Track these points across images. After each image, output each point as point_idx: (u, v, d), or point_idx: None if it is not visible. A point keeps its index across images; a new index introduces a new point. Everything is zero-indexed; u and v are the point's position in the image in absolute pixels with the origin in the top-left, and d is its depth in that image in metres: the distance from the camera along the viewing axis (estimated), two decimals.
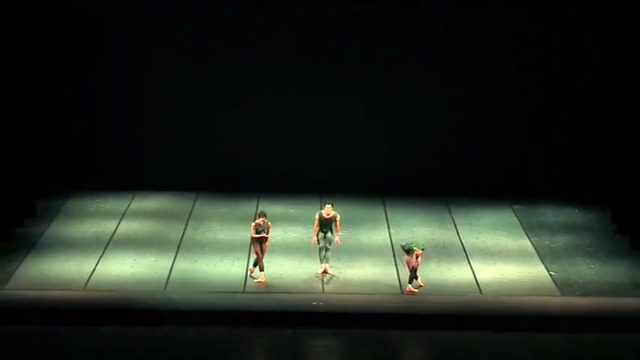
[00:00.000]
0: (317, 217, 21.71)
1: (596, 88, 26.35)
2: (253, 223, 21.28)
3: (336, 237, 21.70)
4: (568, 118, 26.79)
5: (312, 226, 21.83)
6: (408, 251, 20.70)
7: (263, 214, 21.35)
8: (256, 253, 21.30)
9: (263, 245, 21.28)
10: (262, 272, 21.32)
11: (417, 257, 20.63)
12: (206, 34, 26.65)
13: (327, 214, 21.63)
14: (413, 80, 26.80)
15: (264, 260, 21.30)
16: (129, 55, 26.62)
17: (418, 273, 20.86)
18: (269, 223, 21.31)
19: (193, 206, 25.96)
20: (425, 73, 26.80)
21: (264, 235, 21.19)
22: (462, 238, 24.09)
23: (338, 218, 21.65)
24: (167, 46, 26.65)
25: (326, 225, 21.71)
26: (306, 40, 26.63)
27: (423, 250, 20.77)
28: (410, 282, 20.87)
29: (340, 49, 26.70)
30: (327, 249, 21.73)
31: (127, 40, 26.52)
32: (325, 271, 21.68)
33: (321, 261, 21.79)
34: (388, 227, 24.69)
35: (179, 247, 23.23)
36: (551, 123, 26.86)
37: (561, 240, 24.00)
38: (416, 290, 20.81)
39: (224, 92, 26.83)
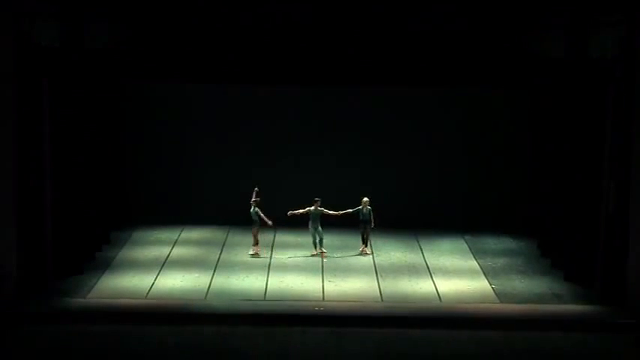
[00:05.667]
0: (308, 209, 23.83)
1: (524, 150, 26.50)
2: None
3: (330, 212, 24.02)
4: (504, 173, 26.93)
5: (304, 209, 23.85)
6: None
7: (256, 193, 23.69)
8: (254, 234, 23.60)
9: (258, 229, 23.66)
10: (257, 246, 23.51)
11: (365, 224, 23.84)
12: (236, 110, 26.91)
13: (315, 208, 23.73)
14: (389, 145, 26.99)
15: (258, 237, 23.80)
16: (182, 128, 26.91)
17: (369, 242, 24.12)
18: (257, 209, 23.57)
19: (227, 236, 25.93)
20: (398, 140, 26.99)
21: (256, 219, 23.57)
22: (426, 260, 24.04)
23: (325, 211, 23.82)
24: (210, 121, 26.93)
25: (315, 220, 23.77)
26: (308, 115, 26.93)
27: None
28: (365, 244, 24.07)
29: (336, 122, 26.91)
30: (321, 240, 23.83)
31: (181, 116, 26.88)
32: (316, 253, 23.58)
33: (315, 247, 23.74)
34: (372, 252, 24.65)
35: (216, 266, 23.20)
36: (492, 176, 26.98)
37: (500, 261, 23.94)
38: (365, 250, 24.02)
39: (250, 156, 27.00)
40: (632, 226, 20.15)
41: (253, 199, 23.87)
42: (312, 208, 23.93)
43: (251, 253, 23.76)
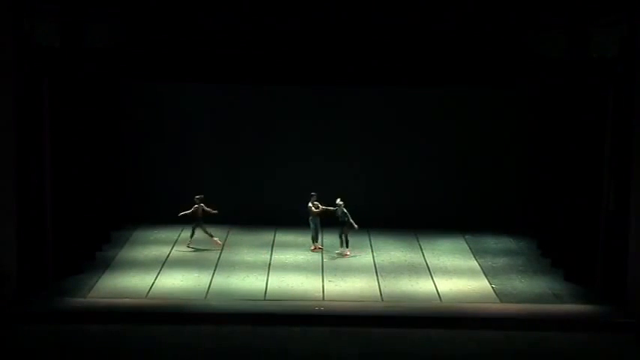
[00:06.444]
0: (310, 205, 24.28)
1: (524, 150, 26.50)
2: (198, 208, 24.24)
3: (322, 207, 24.26)
4: (504, 173, 26.93)
5: (311, 210, 24.32)
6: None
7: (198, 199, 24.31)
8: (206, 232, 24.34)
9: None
10: (214, 237, 24.33)
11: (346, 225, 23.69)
12: (237, 110, 26.89)
13: (312, 202, 24.15)
14: (390, 145, 26.96)
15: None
16: (181, 128, 26.89)
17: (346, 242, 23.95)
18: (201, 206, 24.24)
19: (227, 236, 25.90)
20: (399, 140, 26.95)
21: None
22: (426, 260, 24.04)
23: (318, 205, 24.26)
24: (210, 121, 26.92)
25: (315, 215, 24.13)
26: (308, 115, 26.88)
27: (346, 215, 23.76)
28: (341, 246, 23.88)
29: (336, 121, 26.89)
30: (317, 234, 24.30)
31: (181, 116, 26.85)
32: (316, 248, 24.18)
33: (313, 242, 24.28)
34: (372, 252, 24.66)
35: (216, 266, 23.21)
36: (492, 176, 26.97)
37: (500, 261, 23.95)
38: (347, 253, 23.79)
39: (250, 155, 27.00)
40: (632, 226, 20.18)
41: (197, 197, 24.42)
42: (310, 204, 24.25)
43: (218, 243, 24.43)
